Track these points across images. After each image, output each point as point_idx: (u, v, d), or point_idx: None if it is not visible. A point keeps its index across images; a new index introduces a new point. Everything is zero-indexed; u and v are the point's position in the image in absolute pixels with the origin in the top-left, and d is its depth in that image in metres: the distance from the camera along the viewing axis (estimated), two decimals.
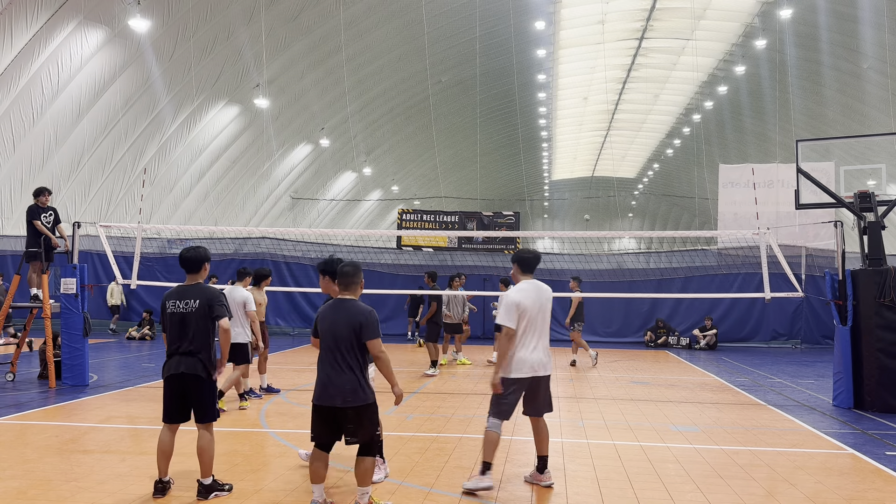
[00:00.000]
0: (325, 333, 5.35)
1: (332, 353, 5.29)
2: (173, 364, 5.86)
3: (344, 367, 5.23)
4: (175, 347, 5.89)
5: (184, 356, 5.83)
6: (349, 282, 5.48)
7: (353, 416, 5.23)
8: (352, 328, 5.27)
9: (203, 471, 5.78)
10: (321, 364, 5.35)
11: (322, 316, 5.45)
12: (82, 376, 11.58)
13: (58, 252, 12.09)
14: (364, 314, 5.31)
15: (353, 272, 5.49)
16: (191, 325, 5.85)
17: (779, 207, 22.15)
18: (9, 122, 22.49)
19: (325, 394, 5.26)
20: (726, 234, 18.41)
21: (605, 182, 68.74)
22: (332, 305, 5.47)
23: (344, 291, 5.50)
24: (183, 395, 5.86)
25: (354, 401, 5.21)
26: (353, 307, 5.37)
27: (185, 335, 5.85)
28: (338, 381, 5.22)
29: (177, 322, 5.89)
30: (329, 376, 5.26)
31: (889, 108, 31.19)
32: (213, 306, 5.92)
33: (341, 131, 39.19)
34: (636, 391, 11.98)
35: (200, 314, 5.87)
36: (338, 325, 5.31)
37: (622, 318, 22.34)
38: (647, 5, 36.35)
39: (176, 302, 5.92)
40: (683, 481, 6.45)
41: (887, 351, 10.26)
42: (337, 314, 5.37)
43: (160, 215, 30.73)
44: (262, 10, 26.80)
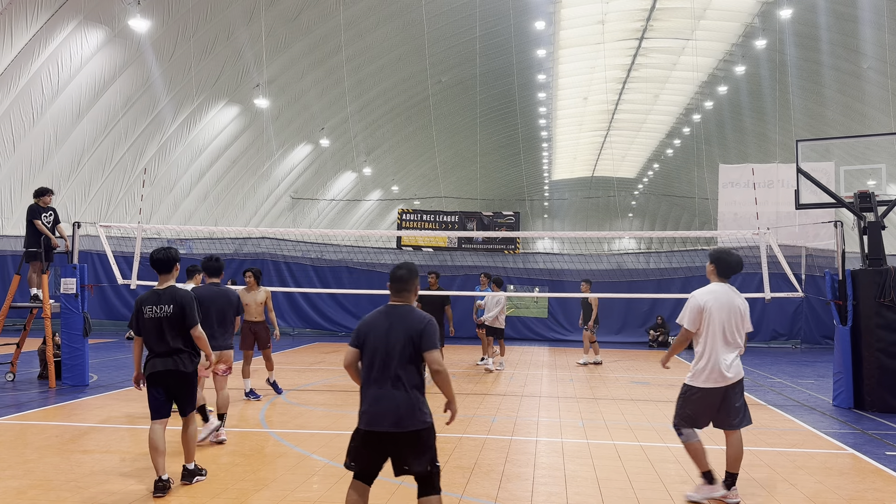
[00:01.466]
0: (375, 345, 4.56)
1: (381, 369, 4.51)
2: (159, 362, 6.03)
3: (398, 387, 4.46)
4: (154, 351, 6.06)
5: (167, 356, 6.02)
6: (402, 287, 4.74)
7: (408, 441, 4.45)
8: (409, 337, 4.51)
9: (187, 456, 6.15)
10: (367, 381, 4.58)
11: (370, 325, 4.66)
12: (82, 376, 11.58)
13: (58, 252, 12.09)
14: (423, 321, 4.58)
15: (407, 276, 4.74)
16: (166, 329, 6.02)
17: (779, 207, 22.14)
18: (9, 122, 22.49)
19: (374, 417, 4.46)
20: (726, 234, 18.40)
21: (605, 182, 68.72)
22: (384, 312, 4.70)
23: (396, 297, 4.76)
24: (166, 389, 6.06)
25: (411, 424, 4.42)
26: (409, 314, 4.64)
27: (162, 339, 6.02)
28: (390, 404, 4.44)
29: (154, 328, 6.03)
30: (378, 396, 4.48)
31: (889, 108, 31.18)
32: (185, 313, 6.07)
33: (341, 131, 39.19)
34: (636, 391, 11.98)
35: (175, 319, 6.04)
36: (392, 334, 4.55)
37: (622, 318, 22.35)
38: (647, 5, 36.34)
39: (152, 307, 6.04)
40: (683, 481, 6.45)
41: (887, 351, 10.26)
42: (390, 322, 4.61)
43: (160, 215, 30.73)
44: (262, 10, 26.80)
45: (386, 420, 4.41)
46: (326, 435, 8.19)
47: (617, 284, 21.97)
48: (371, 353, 4.55)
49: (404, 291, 4.73)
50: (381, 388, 4.47)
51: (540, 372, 14.40)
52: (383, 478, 6.34)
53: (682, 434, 5.96)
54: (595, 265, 22.69)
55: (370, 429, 4.46)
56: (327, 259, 23.80)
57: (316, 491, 5.97)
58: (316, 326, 23.19)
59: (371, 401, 4.49)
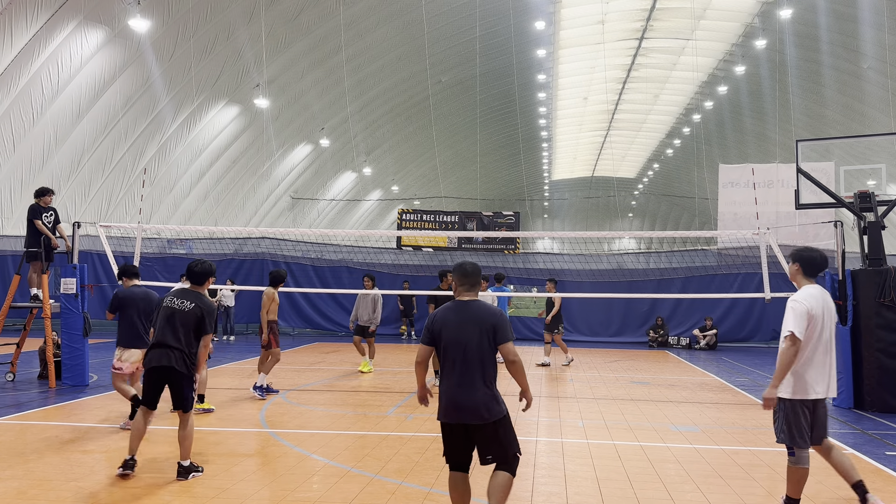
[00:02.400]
0: (451, 341, 4.69)
1: (460, 364, 4.67)
2: (155, 356, 6.30)
3: (476, 380, 4.65)
4: (159, 340, 6.34)
5: (166, 349, 6.26)
6: (474, 281, 4.89)
7: (491, 432, 4.67)
8: (483, 331, 4.67)
9: (182, 453, 6.26)
10: (446, 377, 4.73)
11: (444, 321, 4.77)
12: (82, 376, 11.58)
13: (58, 252, 12.09)
14: (496, 314, 4.75)
15: (475, 270, 4.92)
16: (178, 321, 6.32)
17: (779, 207, 22.14)
18: (9, 122, 22.48)
19: (453, 411, 4.67)
20: (726, 234, 18.40)
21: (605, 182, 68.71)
22: (454, 308, 4.81)
23: (467, 292, 4.88)
24: (162, 385, 6.36)
25: (490, 416, 4.65)
26: (480, 308, 4.79)
27: (170, 330, 6.30)
28: (468, 397, 4.64)
29: (166, 315, 6.38)
30: (457, 392, 4.65)
31: (889, 108, 31.18)
32: (204, 316, 6.39)
33: (341, 131, 39.18)
34: (636, 391, 11.98)
35: (190, 316, 6.36)
36: (465, 329, 4.70)
37: (622, 318, 22.35)
38: (647, 5, 36.34)
39: (173, 299, 6.48)
40: (683, 481, 6.45)
41: (887, 351, 10.26)
42: (462, 317, 4.75)
43: (160, 215, 30.72)
44: (262, 10, 26.79)
45: (467, 416, 4.63)
46: (326, 435, 8.19)
47: (617, 284, 21.97)
48: (450, 350, 4.71)
49: (476, 285, 4.90)
50: (459, 386, 4.66)
51: (540, 372, 14.40)
52: (383, 477, 6.36)
53: (793, 454, 5.41)
54: (595, 265, 22.69)
55: (449, 421, 4.69)
56: (327, 259, 23.80)
57: (316, 491, 5.97)
58: (316, 326, 23.20)
59: (451, 395, 4.68)
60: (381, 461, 6.93)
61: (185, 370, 6.30)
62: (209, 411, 9.31)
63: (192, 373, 6.37)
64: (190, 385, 6.38)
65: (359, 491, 5.95)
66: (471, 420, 4.63)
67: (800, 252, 5.66)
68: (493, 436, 4.66)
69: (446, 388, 4.72)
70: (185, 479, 6.17)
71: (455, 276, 4.92)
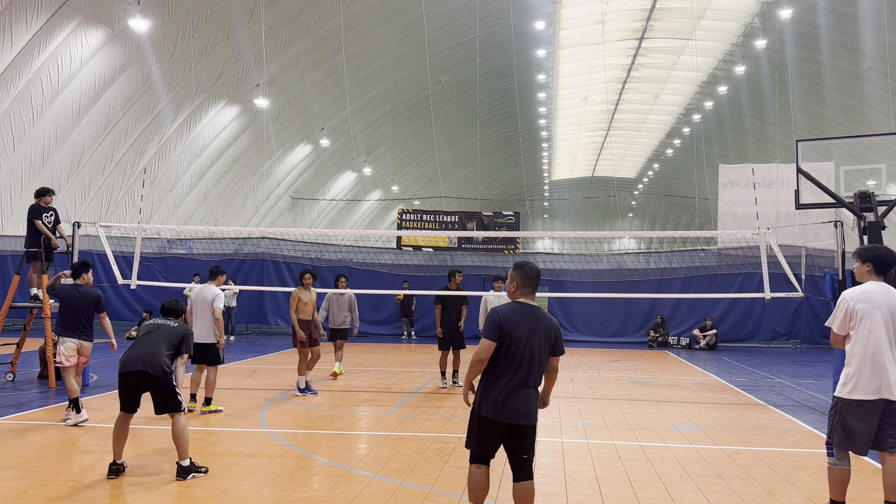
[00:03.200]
0: (521, 343, 4.75)
1: (525, 367, 4.76)
2: (129, 361, 6.36)
3: (534, 384, 4.83)
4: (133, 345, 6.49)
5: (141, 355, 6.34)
6: (537, 284, 4.98)
7: (531, 433, 4.87)
8: (548, 340, 4.84)
9: (180, 454, 6.22)
10: (503, 376, 4.78)
11: (515, 322, 4.80)
12: (82, 376, 11.56)
13: (58, 252, 12.09)
14: (558, 327, 4.95)
15: (538, 274, 5.02)
16: (159, 333, 6.58)
17: (779, 207, 22.14)
18: (9, 122, 22.48)
19: (510, 411, 4.75)
20: (726, 234, 18.40)
21: (605, 182, 68.71)
22: (524, 311, 4.86)
23: (530, 296, 4.95)
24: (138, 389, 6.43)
25: (533, 418, 4.84)
26: (546, 316, 4.92)
27: (147, 338, 6.53)
28: (527, 400, 4.77)
29: (147, 328, 6.68)
30: (518, 393, 4.75)
31: (889, 108, 31.18)
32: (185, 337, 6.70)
33: (341, 131, 39.19)
34: (636, 391, 11.98)
35: (173, 332, 6.62)
36: (536, 334, 4.79)
37: (622, 318, 22.35)
38: (647, 5, 36.34)
39: (156, 318, 6.88)
40: (683, 481, 6.45)
41: None
42: (533, 322, 4.81)
43: (160, 215, 30.72)
44: (262, 10, 26.79)
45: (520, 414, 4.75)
46: (326, 435, 8.19)
47: (617, 284, 21.97)
48: (517, 349, 4.77)
49: (536, 289, 4.99)
50: (515, 386, 4.76)
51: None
52: (383, 477, 6.36)
53: (831, 455, 5.34)
54: (595, 265, 22.69)
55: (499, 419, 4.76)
56: (327, 259, 23.80)
57: (316, 491, 5.97)
58: None
59: (508, 392, 4.75)
60: (381, 461, 6.93)
61: (161, 374, 6.29)
62: (218, 412, 9.33)
63: (169, 376, 6.35)
64: (172, 385, 6.35)
65: (359, 491, 5.95)
66: (525, 421, 4.78)
67: (870, 251, 5.50)
68: (532, 436, 4.87)
69: (509, 388, 4.76)
70: (184, 479, 6.13)
71: (518, 277, 4.95)
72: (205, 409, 9.26)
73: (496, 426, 4.80)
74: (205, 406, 9.30)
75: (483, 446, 4.89)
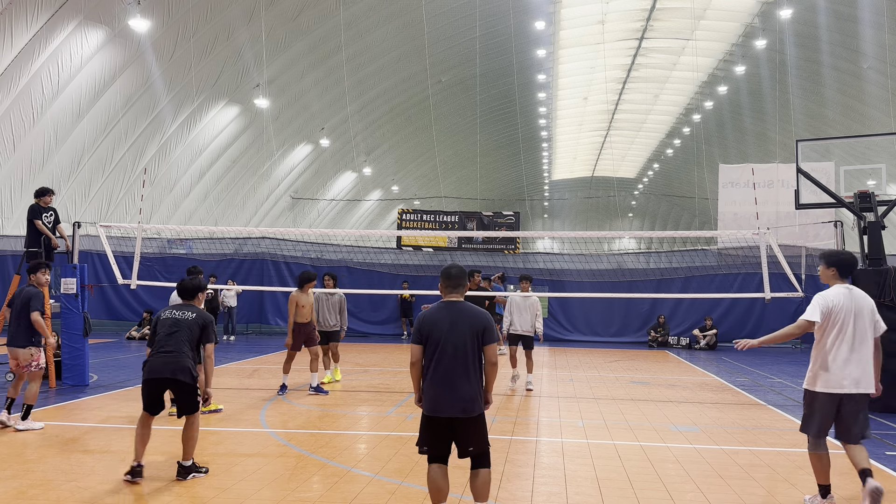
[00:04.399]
0: (443, 340, 4.94)
1: (450, 361, 4.92)
2: (157, 366, 6.20)
3: (465, 377, 4.95)
4: (160, 348, 6.27)
5: (169, 356, 6.21)
6: (457, 283, 5.20)
7: (472, 426, 4.99)
8: (475, 332, 4.97)
9: (185, 454, 6.23)
10: (433, 373, 4.97)
11: (433, 321, 5.03)
12: (82, 376, 11.58)
13: (58, 252, 12.09)
14: (485, 317, 5.09)
15: (460, 273, 5.23)
16: (181, 330, 6.32)
17: (779, 207, 22.15)
18: (9, 122, 22.48)
19: (442, 405, 4.94)
20: (726, 234, 18.40)
21: (605, 182, 68.74)
22: (444, 308, 5.09)
23: (452, 293, 5.17)
24: (163, 392, 6.32)
25: (475, 410, 4.96)
26: (470, 309, 5.10)
27: (172, 337, 6.28)
28: (458, 392, 4.92)
29: (168, 325, 6.37)
30: (447, 388, 4.95)
31: (889, 108, 31.19)
32: (206, 326, 6.45)
33: (341, 131, 39.19)
34: (636, 391, 11.98)
35: (193, 325, 6.38)
36: (457, 328, 4.96)
37: (622, 318, 22.34)
38: (647, 5, 36.35)
39: (173, 311, 6.50)
40: (683, 481, 6.45)
41: (887, 351, 10.22)
42: (454, 317, 5.01)
43: (160, 215, 30.73)
44: (262, 10, 26.80)
45: (453, 407, 4.95)
46: (326, 435, 8.19)
47: (617, 284, 21.97)
48: (438, 347, 4.99)
49: (461, 287, 5.21)
50: (446, 379, 4.96)
51: (540, 372, 14.40)
52: (383, 477, 6.36)
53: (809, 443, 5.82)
54: (595, 265, 22.69)
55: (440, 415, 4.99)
56: (327, 259, 23.79)
57: (316, 491, 5.97)
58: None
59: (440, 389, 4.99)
60: (381, 461, 6.93)
61: (189, 380, 6.24)
62: (217, 411, 9.32)
63: (196, 380, 6.31)
64: (195, 391, 6.34)
65: (359, 491, 5.95)
66: (458, 413, 4.87)
67: (835, 256, 5.93)
68: (475, 429, 4.94)
69: (435, 384, 4.92)
70: (184, 480, 6.15)
71: (441, 279, 5.21)
72: (204, 409, 9.21)
73: (436, 422, 4.94)
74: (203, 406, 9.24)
75: (433, 444, 4.97)
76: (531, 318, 11.97)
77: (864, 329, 5.69)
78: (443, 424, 4.93)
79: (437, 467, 4.99)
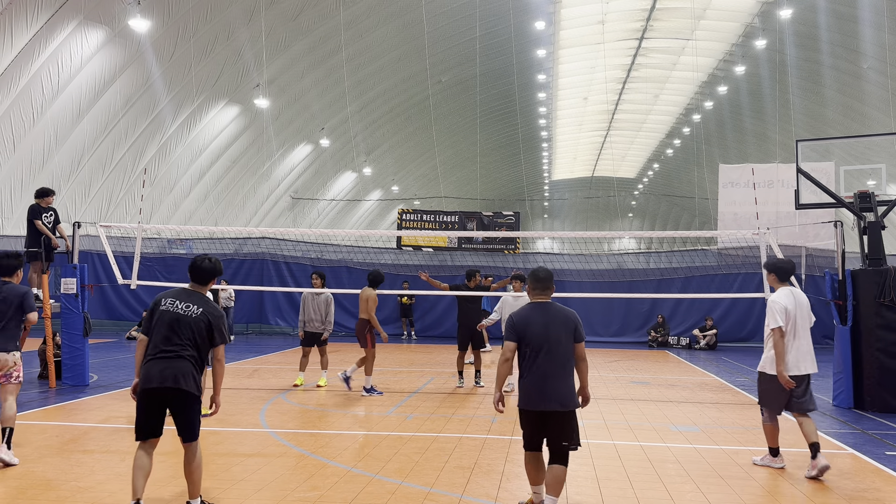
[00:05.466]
0: (538, 337, 5.28)
1: (547, 357, 5.25)
2: (156, 373, 5.08)
3: (563, 372, 5.27)
4: (158, 350, 5.15)
5: (170, 360, 5.11)
6: (546, 285, 5.52)
7: (568, 420, 5.27)
8: (568, 330, 5.33)
9: (191, 491, 5.24)
10: (530, 370, 5.27)
11: (527, 319, 5.36)
12: (82, 376, 11.59)
13: (58, 252, 12.09)
14: (576, 317, 5.43)
15: (548, 276, 5.53)
16: (184, 329, 5.17)
17: (779, 207, 22.15)
18: (9, 122, 22.48)
19: (540, 399, 5.24)
20: (726, 234, 18.40)
21: (605, 182, 68.72)
22: (537, 308, 5.42)
23: (541, 295, 5.53)
24: (164, 408, 5.18)
25: (572, 405, 5.27)
26: (561, 309, 5.47)
27: (173, 337, 5.14)
28: (556, 387, 5.22)
29: (167, 322, 5.18)
30: (545, 383, 5.24)
31: (889, 108, 31.18)
32: (215, 324, 5.26)
33: (341, 131, 39.19)
34: (636, 391, 11.98)
35: (198, 322, 5.21)
36: (552, 327, 5.30)
37: (622, 318, 22.34)
38: (647, 5, 36.35)
39: (174, 301, 5.26)
40: (683, 481, 6.45)
41: (887, 351, 10.26)
42: (547, 317, 5.36)
43: (160, 215, 30.73)
44: (262, 10, 26.80)
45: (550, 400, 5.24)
46: (326, 435, 8.19)
47: (617, 284, 21.97)
48: (534, 345, 5.30)
49: (549, 290, 5.54)
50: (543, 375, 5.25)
51: None
52: (383, 477, 6.36)
53: (763, 414, 7.00)
54: (595, 265, 22.69)
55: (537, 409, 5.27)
56: (327, 259, 23.80)
57: (316, 491, 5.97)
58: None
59: (538, 384, 5.26)
60: (381, 461, 6.93)
61: (194, 390, 5.14)
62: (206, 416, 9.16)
63: (200, 393, 5.23)
64: (198, 409, 5.26)
65: (359, 491, 5.95)
66: (557, 407, 5.15)
67: (775, 263, 7.07)
68: (570, 424, 5.21)
69: (533, 380, 5.21)
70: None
71: (530, 282, 5.52)
72: None
73: (531, 415, 5.24)
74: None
75: (531, 436, 5.28)
76: None
77: (805, 322, 6.83)
78: (535, 418, 5.22)
79: (535, 454, 5.33)
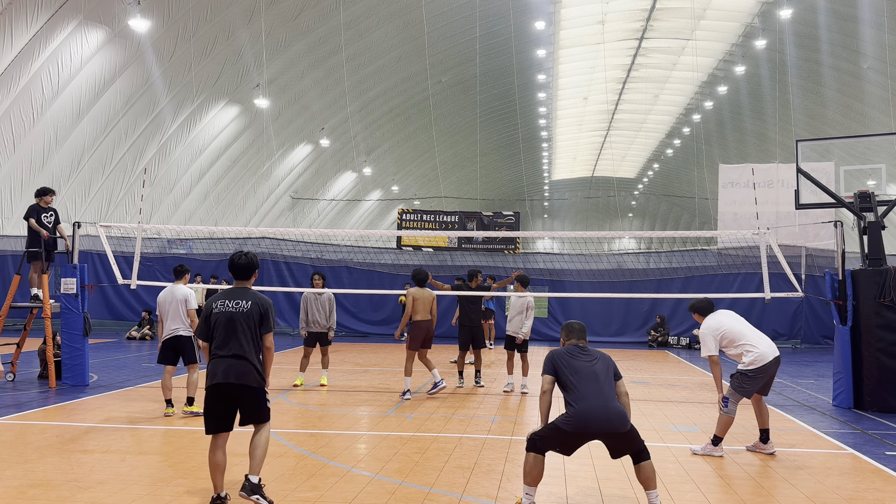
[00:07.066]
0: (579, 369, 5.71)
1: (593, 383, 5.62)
2: (222, 369, 5.40)
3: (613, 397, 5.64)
4: (221, 349, 5.47)
5: (233, 359, 5.42)
6: (579, 335, 5.96)
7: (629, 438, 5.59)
8: (609, 368, 5.81)
9: (252, 467, 5.45)
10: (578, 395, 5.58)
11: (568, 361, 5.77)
12: (82, 376, 11.58)
13: (58, 252, 12.09)
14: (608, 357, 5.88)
15: (581, 328, 6.02)
16: (239, 326, 5.48)
17: (779, 207, 22.14)
18: (9, 122, 22.49)
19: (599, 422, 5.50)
20: (726, 234, 18.39)
21: (605, 182, 68.75)
22: (577, 352, 5.83)
23: (579, 340, 5.92)
24: (232, 403, 5.48)
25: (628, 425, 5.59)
26: (596, 351, 5.85)
27: (232, 336, 5.46)
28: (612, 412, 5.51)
29: (224, 322, 5.50)
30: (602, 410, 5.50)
31: (889, 108, 31.19)
32: (265, 314, 5.58)
33: (341, 131, 39.20)
34: (636, 391, 11.98)
35: (250, 316, 5.52)
36: (595, 365, 5.72)
37: (622, 318, 22.34)
38: (647, 5, 36.36)
39: (225, 301, 5.57)
40: (683, 481, 6.45)
41: (887, 351, 10.25)
42: (588, 357, 5.80)
43: (160, 215, 30.74)
44: (262, 10, 26.80)
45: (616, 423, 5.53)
46: (326, 435, 8.19)
47: (617, 284, 21.97)
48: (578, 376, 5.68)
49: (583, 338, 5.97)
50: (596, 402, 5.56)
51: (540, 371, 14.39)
52: (383, 477, 6.36)
53: (726, 407, 7.53)
54: (595, 265, 22.69)
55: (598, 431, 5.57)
56: (327, 259, 23.79)
57: (316, 491, 5.97)
58: None
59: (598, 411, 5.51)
60: (381, 461, 6.93)
61: (257, 384, 5.47)
62: (197, 414, 9.06)
63: (265, 383, 5.55)
64: (263, 397, 5.55)
65: (359, 491, 5.95)
66: (620, 429, 5.43)
67: (694, 304, 8.07)
68: (632, 438, 5.48)
69: (583, 409, 5.45)
70: (247, 497, 5.35)
71: (564, 332, 6.01)
72: (186, 409, 9.11)
73: (584, 436, 5.50)
74: (187, 406, 9.13)
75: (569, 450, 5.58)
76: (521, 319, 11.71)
77: (739, 322, 7.75)
78: (588, 438, 5.51)
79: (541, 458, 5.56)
